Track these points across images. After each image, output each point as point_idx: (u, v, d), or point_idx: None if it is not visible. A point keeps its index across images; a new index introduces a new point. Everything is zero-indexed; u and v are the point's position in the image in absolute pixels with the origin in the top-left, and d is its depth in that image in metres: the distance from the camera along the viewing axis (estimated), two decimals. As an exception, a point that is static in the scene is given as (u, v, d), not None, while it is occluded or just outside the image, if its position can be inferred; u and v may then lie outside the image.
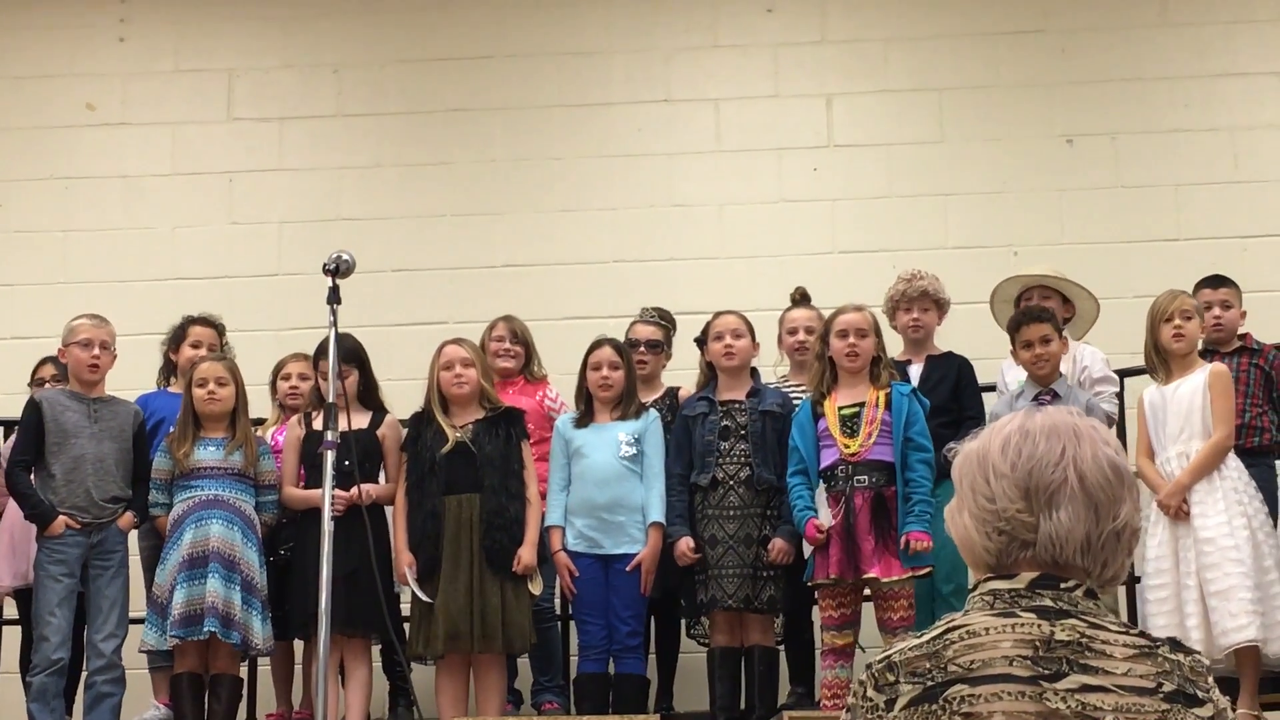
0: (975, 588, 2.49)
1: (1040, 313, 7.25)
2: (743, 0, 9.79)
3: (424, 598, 6.92)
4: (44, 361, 7.99)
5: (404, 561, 7.01)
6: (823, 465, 6.84)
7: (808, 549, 6.90)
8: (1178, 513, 6.75)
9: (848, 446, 6.78)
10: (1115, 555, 2.46)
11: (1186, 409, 6.91)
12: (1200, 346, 7.25)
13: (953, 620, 2.41)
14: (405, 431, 7.31)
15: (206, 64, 9.90)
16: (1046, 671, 2.32)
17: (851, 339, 6.90)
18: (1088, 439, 2.48)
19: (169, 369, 7.92)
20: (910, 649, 2.40)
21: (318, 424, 7.10)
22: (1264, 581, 6.68)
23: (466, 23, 9.87)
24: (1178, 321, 7.02)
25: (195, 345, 7.78)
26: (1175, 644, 2.39)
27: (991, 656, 2.33)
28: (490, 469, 7.03)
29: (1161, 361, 7.08)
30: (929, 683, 2.35)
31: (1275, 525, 7.02)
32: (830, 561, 6.70)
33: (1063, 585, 2.42)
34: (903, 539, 6.63)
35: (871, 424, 6.78)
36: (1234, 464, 6.87)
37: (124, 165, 9.77)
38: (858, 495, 6.71)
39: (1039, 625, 2.36)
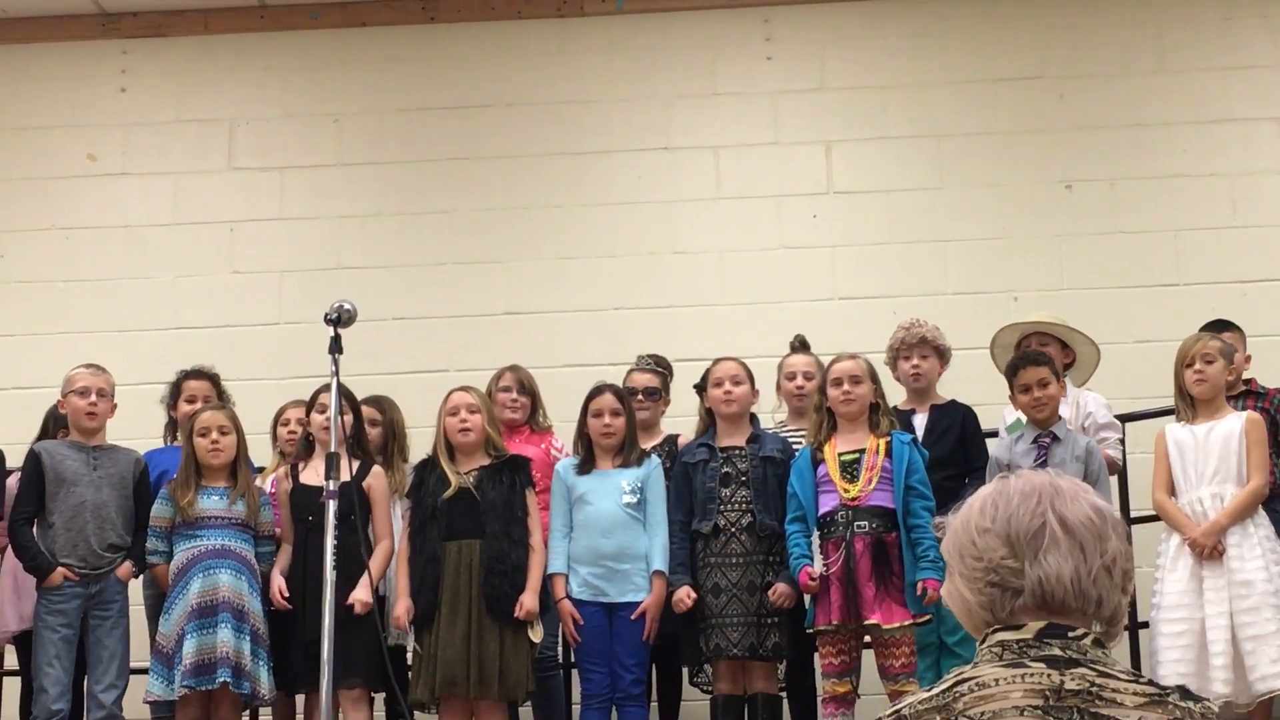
0: (984, 639, 2.48)
1: (1037, 356, 7.26)
2: (742, 48, 9.84)
3: (414, 645, 6.92)
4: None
5: (401, 609, 7.00)
6: (822, 511, 6.83)
7: (809, 596, 6.89)
8: (1212, 553, 6.74)
9: (848, 491, 6.77)
10: (1110, 592, 2.46)
11: (1221, 452, 6.92)
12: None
13: (962, 673, 2.41)
14: (409, 479, 7.32)
15: (207, 114, 9.94)
16: None
17: (845, 385, 6.92)
18: (1067, 491, 2.50)
19: (174, 425, 7.92)
20: (920, 702, 2.40)
21: (304, 475, 7.14)
22: None
23: (466, 72, 9.91)
24: (1198, 366, 7.04)
25: (190, 400, 7.78)
26: (1184, 692, 2.39)
27: (1002, 707, 2.33)
28: (493, 515, 7.02)
29: (1188, 404, 7.09)
30: None
31: None
32: (831, 608, 6.69)
33: (1071, 634, 2.41)
34: (919, 585, 6.62)
35: (872, 470, 6.78)
36: (1263, 514, 6.90)
37: (125, 215, 9.80)
38: (858, 541, 6.70)
39: (1049, 675, 2.35)
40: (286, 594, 7.07)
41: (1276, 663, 6.53)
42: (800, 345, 7.77)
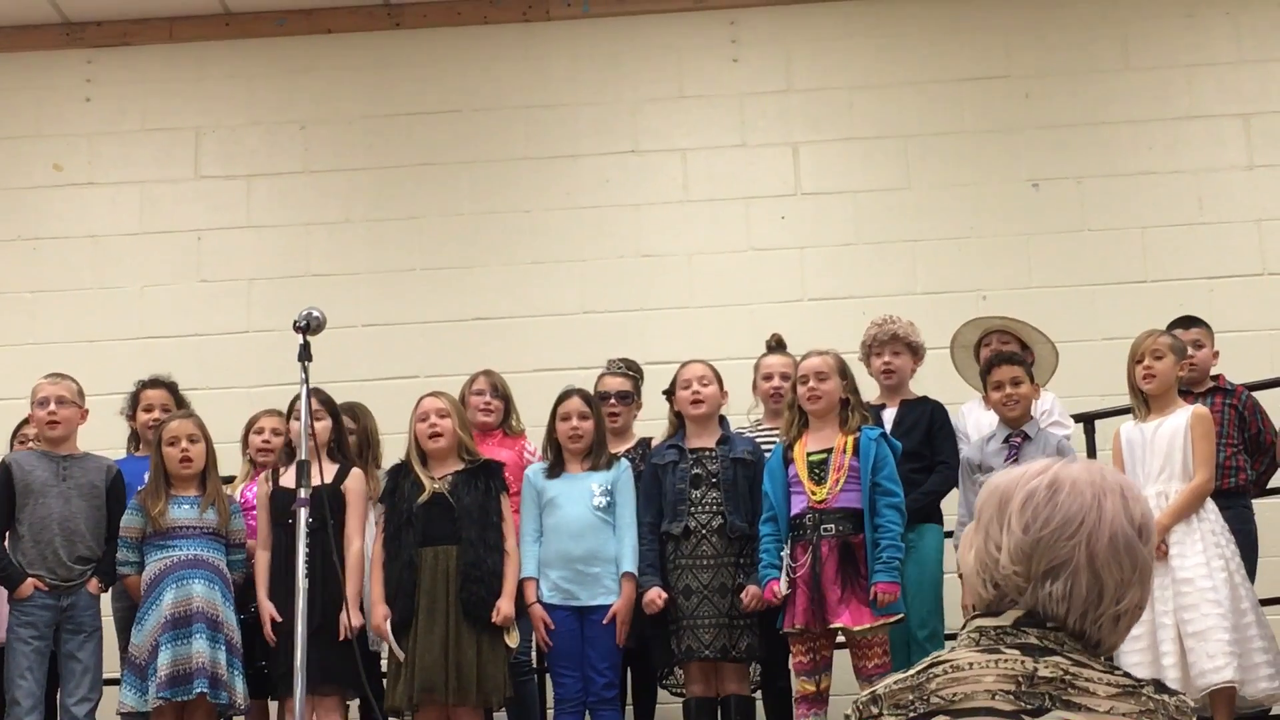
0: (964, 624, 2.49)
1: (1012, 355, 7.29)
2: (708, 51, 9.84)
3: (398, 652, 6.90)
4: (26, 421, 7.94)
5: (379, 615, 6.99)
6: (792, 513, 6.82)
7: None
8: (1155, 553, 6.73)
9: (815, 494, 6.76)
10: (1111, 634, 2.43)
11: (1167, 449, 6.91)
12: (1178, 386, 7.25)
13: (938, 656, 2.42)
14: (383, 484, 7.31)
15: (173, 123, 9.91)
16: (1029, 707, 2.31)
17: (811, 383, 6.91)
18: (1110, 514, 2.43)
19: (136, 435, 7.90)
20: (894, 683, 2.42)
21: (284, 480, 7.11)
22: (1241, 623, 6.68)
23: (432, 78, 9.90)
24: (1147, 361, 7.03)
25: (148, 409, 7.75)
26: (1160, 685, 2.38)
27: (974, 690, 2.33)
28: (468, 521, 7.01)
29: (1140, 400, 7.10)
30: (911, 714, 2.35)
31: (1255, 565, 7.05)
32: (797, 611, 6.69)
33: (1049, 624, 2.41)
34: (871, 590, 6.62)
35: (839, 470, 6.77)
36: (1211, 507, 6.88)
37: (92, 225, 9.76)
38: (824, 544, 6.70)
39: (1023, 661, 2.35)
40: (278, 618, 7.05)
41: (1214, 658, 6.54)
42: (776, 345, 7.77)
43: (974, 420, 7.55)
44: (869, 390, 7.48)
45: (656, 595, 6.99)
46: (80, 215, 9.79)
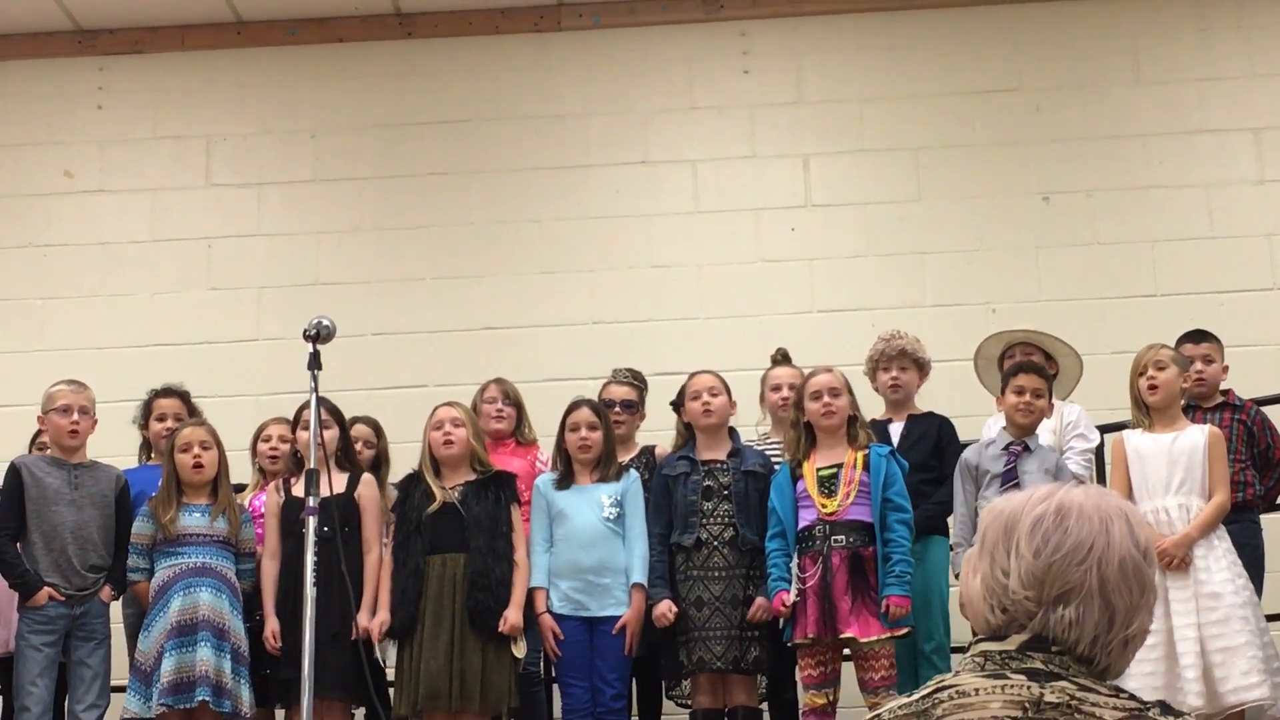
0: (968, 648, 2.48)
1: (1040, 368, 7.28)
2: (719, 62, 9.85)
3: (380, 656, 6.92)
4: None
5: (378, 620, 7.00)
6: (801, 525, 6.83)
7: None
8: (1180, 564, 6.75)
9: (825, 506, 6.77)
10: (1120, 658, 2.43)
11: (1187, 463, 6.92)
12: (1183, 400, 7.25)
13: (943, 680, 2.40)
14: (394, 493, 7.33)
15: (185, 131, 9.92)
16: None
17: (825, 398, 6.91)
18: (1117, 538, 2.44)
19: (148, 445, 7.90)
20: (899, 708, 2.40)
21: (296, 489, 7.12)
22: (1263, 640, 6.69)
23: (443, 87, 9.91)
24: (1151, 373, 7.05)
25: (161, 418, 7.76)
26: (1165, 707, 2.37)
27: (981, 716, 2.32)
28: (477, 530, 7.02)
29: (1143, 413, 7.10)
30: None
31: (1261, 580, 7.06)
32: (808, 621, 6.69)
33: (1054, 648, 2.41)
34: (883, 603, 6.62)
35: (849, 484, 6.78)
36: (1222, 527, 6.91)
37: (102, 232, 9.78)
38: (835, 555, 6.70)
39: (1029, 687, 2.34)
40: (279, 643, 7.07)
41: (1248, 674, 6.53)
42: (782, 358, 7.77)
43: (999, 433, 7.53)
44: (868, 407, 7.46)
45: (667, 609, 6.99)
46: (91, 222, 9.81)
